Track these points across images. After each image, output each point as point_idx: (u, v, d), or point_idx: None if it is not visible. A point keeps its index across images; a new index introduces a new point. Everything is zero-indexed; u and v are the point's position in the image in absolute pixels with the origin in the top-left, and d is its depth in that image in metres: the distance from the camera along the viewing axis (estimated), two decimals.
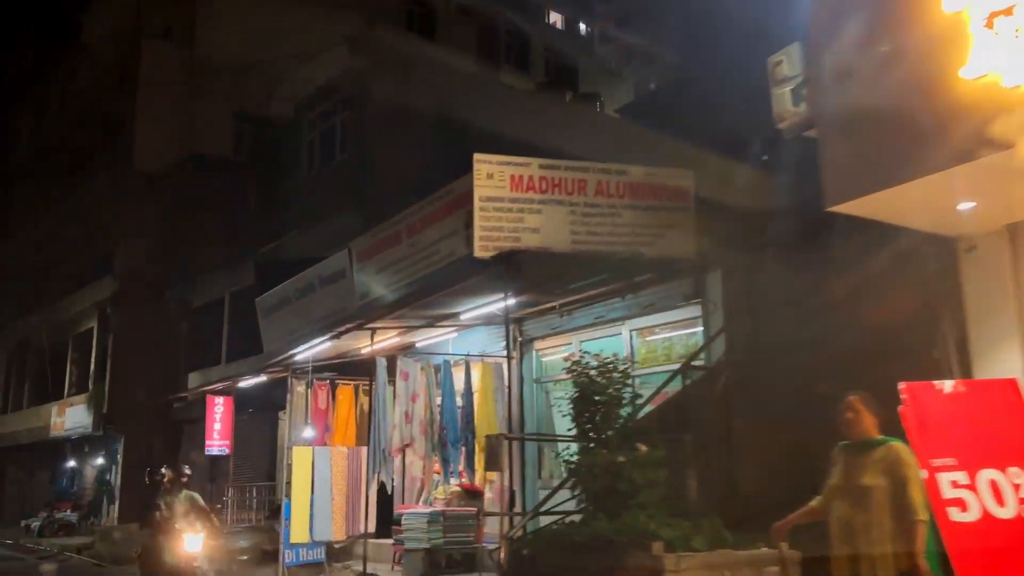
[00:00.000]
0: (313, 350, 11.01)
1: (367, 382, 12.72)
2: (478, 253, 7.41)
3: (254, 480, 18.10)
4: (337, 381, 12.59)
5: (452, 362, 10.50)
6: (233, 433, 17.06)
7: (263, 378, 16.00)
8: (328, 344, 10.78)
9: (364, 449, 12.49)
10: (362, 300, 9.67)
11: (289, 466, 11.92)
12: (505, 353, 10.61)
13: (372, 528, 12.29)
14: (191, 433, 22.77)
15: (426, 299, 8.36)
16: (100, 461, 25.84)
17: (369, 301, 9.59)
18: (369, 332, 10.03)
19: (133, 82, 24.82)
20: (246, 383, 16.47)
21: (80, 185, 26.83)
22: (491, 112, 14.34)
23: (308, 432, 11.83)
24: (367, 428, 12.70)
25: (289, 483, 11.86)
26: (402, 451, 10.00)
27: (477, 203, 7.44)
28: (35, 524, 25.99)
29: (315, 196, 18.14)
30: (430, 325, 10.20)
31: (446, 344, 11.55)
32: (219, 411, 16.88)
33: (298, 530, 11.71)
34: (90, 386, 24.46)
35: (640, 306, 9.22)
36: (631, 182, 8.02)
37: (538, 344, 10.82)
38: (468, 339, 11.23)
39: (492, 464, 7.18)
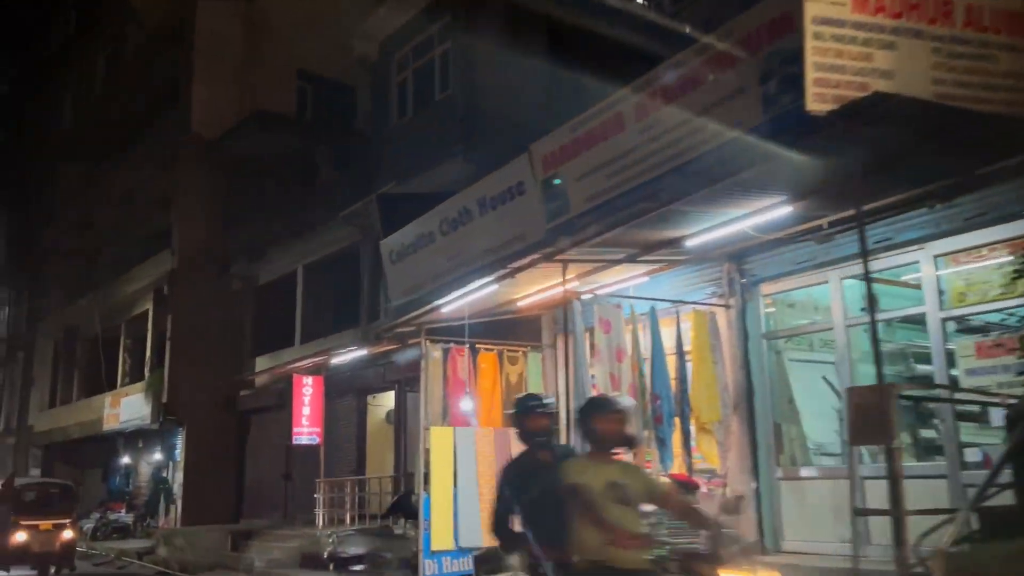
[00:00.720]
0: (460, 302, 8.42)
1: (514, 347, 10.13)
2: (812, 105, 4.76)
3: (341, 473, 15.60)
4: (478, 346, 10.03)
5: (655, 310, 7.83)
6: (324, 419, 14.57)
7: (362, 352, 13.49)
8: (479, 294, 8.19)
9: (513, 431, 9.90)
10: (553, 222, 7.05)
11: (426, 451, 9.37)
12: (718, 301, 7.98)
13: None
14: (262, 423, 20.39)
15: (691, 198, 5.72)
16: (157, 457, 23.57)
17: (563, 222, 6.97)
18: (553, 267, 7.42)
19: (187, 43, 22.47)
20: (340, 359, 13.98)
21: (132, 157, 24.56)
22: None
23: (466, 404, 9.27)
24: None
25: (427, 474, 9.32)
26: None
27: (809, 27, 4.78)
28: (88, 526, 23.78)
29: (410, 145, 15.60)
30: (632, 259, 7.55)
31: (625, 294, 8.89)
32: (308, 393, 14.39)
33: (440, 534, 9.15)
34: (146, 374, 22.17)
35: (960, 218, 6.52)
36: (1014, 11, 5.34)
37: (766, 287, 8.15)
38: (657, 286, 8.58)
39: (867, 436, 4.47)
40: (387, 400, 16.98)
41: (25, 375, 30.52)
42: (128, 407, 21.90)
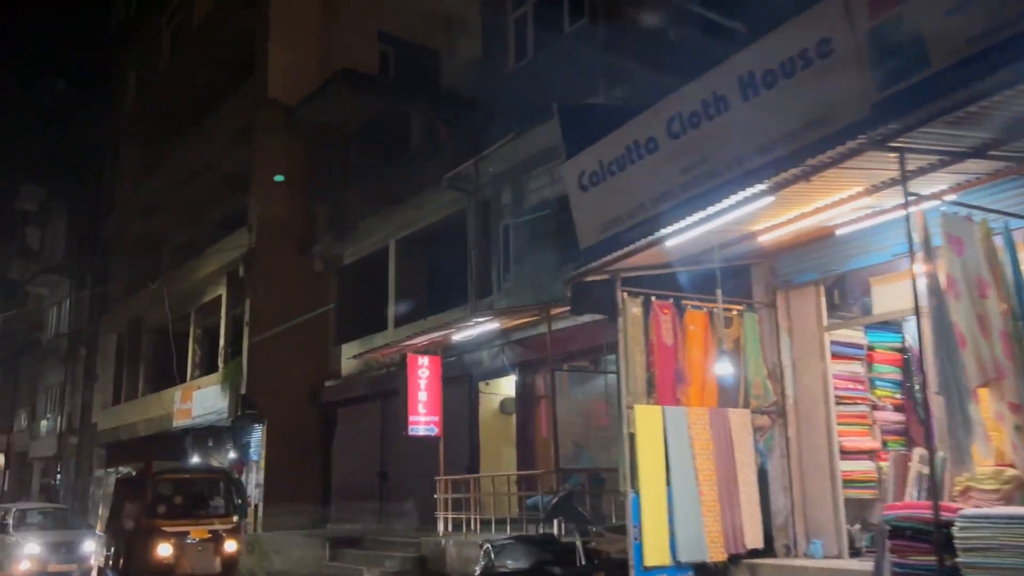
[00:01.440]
0: (696, 230, 6.16)
1: (728, 305, 7.85)
2: None
3: (449, 472, 13.39)
4: (685, 303, 7.77)
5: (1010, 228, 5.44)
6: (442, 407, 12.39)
7: (493, 325, 11.31)
8: (725, 219, 5.92)
9: (733, 412, 7.68)
10: (889, 90, 4.77)
11: (631, 436, 7.13)
12: None
13: (754, 540, 7.45)
14: (350, 416, 18.37)
15: None
16: (231, 455, 21.66)
17: (910, 85, 4.68)
18: (847, 171, 5.15)
19: (261, 3, 20.59)
20: (464, 334, 11.81)
21: (200, 134, 22.79)
22: None
23: (723, 366, 6.98)
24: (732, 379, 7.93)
25: (633, 466, 7.10)
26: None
27: None
28: None
29: (533, 90, 13.41)
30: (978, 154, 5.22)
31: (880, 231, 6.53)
32: (424, 376, 12.23)
33: (655, 545, 6.91)
34: (220, 365, 20.28)
35: None
36: None
37: None
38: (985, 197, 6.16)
39: None
40: (502, 387, 14.81)
41: (88, 371, 28.99)
42: (202, 401, 20.03)
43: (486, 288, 14.72)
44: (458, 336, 11.82)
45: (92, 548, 16.01)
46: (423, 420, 12.11)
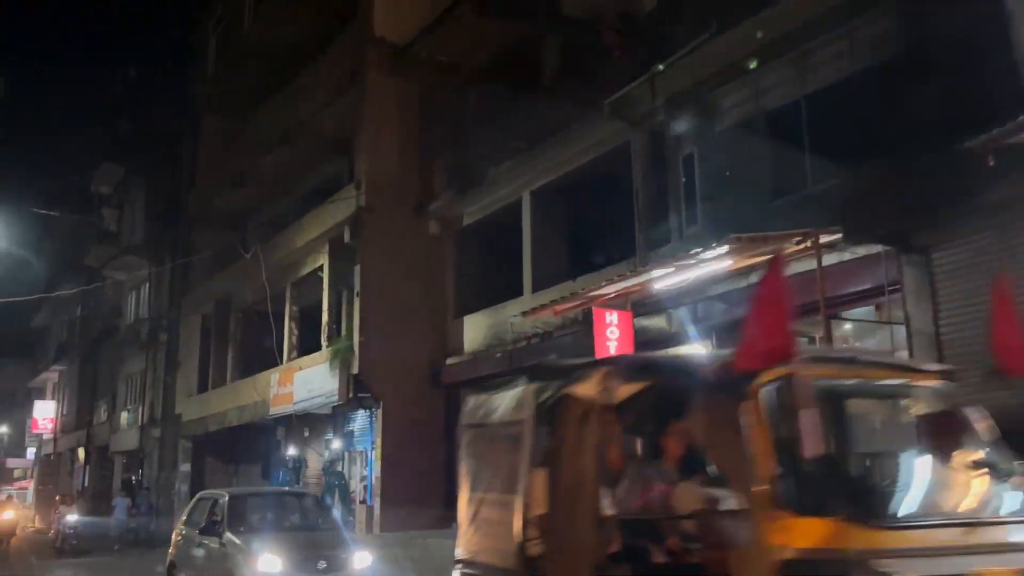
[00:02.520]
0: None
1: None
2: None
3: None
4: None
5: None
6: None
7: (718, 264, 8.56)
8: None
9: None
10: None
11: None
12: None
13: None
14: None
15: None
16: (335, 445, 19.35)
17: None
18: None
19: None
20: (674, 279, 9.07)
21: (292, 92, 20.57)
22: None
23: None
24: None
25: None
26: None
27: None
28: None
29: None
30: None
31: None
32: (614, 336, 9.53)
33: None
34: (323, 343, 17.93)
35: None
36: None
37: None
38: None
39: None
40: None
41: (170, 358, 27.07)
42: (306, 383, 17.69)
43: (659, 236, 11.97)
44: (668, 281, 9.05)
45: (365, 559, 10.60)
46: None
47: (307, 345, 19.73)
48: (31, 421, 39.93)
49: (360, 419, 19.12)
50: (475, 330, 16.02)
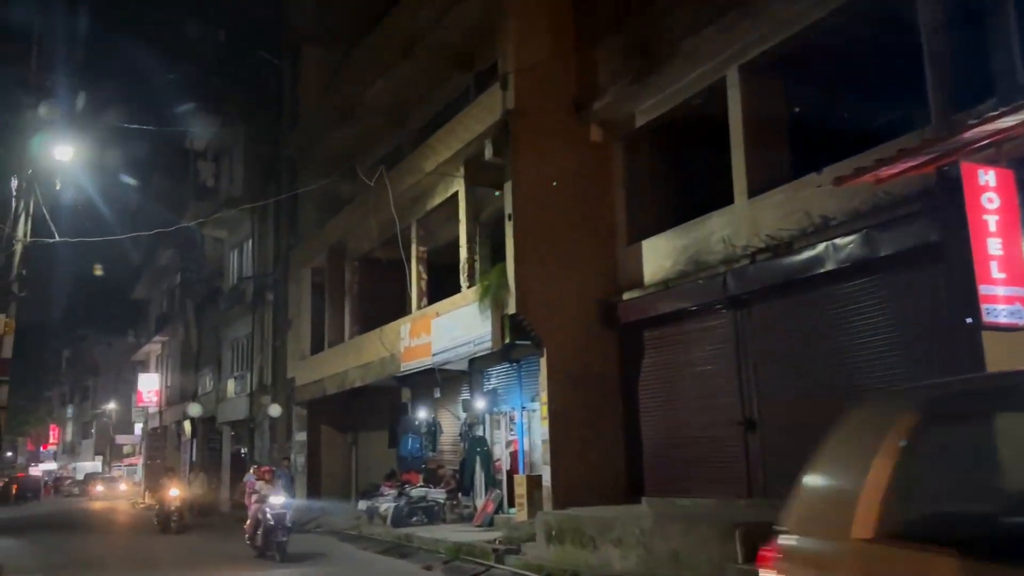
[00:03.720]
0: None
1: None
2: None
3: None
4: None
5: None
6: None
7: None
8: None
9: None
10: None
11: None
12: None
13: None
14: (667, 340, 12.60)
15: None
16: (478, 405, 16.45)
17: None
18: None
19: None
20: None
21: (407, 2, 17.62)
22: None
23: None
24: None
25: None
26: None
27: None
28: (384, 507, 17.21)
29: None
30: None
31: None
32: (993, 207, 6.11)
33: None
34: (462, 283, 14.97)
35: None
36: None
37: None
38: None
39: None
40: None
41: (278, 318, 24.74)
42: (446, 331, 14.77)
43: (966, 94, 8.41)
44: None
45: None
46: (1003, 294, 5.98)
47: (439, 290, 16.85)
48: (136, 395, 38.65)
49: (504, 374, 16.20)
50: (659, 256, 12.75)
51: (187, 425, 31.70)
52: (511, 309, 13.02)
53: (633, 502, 12.54)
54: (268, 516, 13.38)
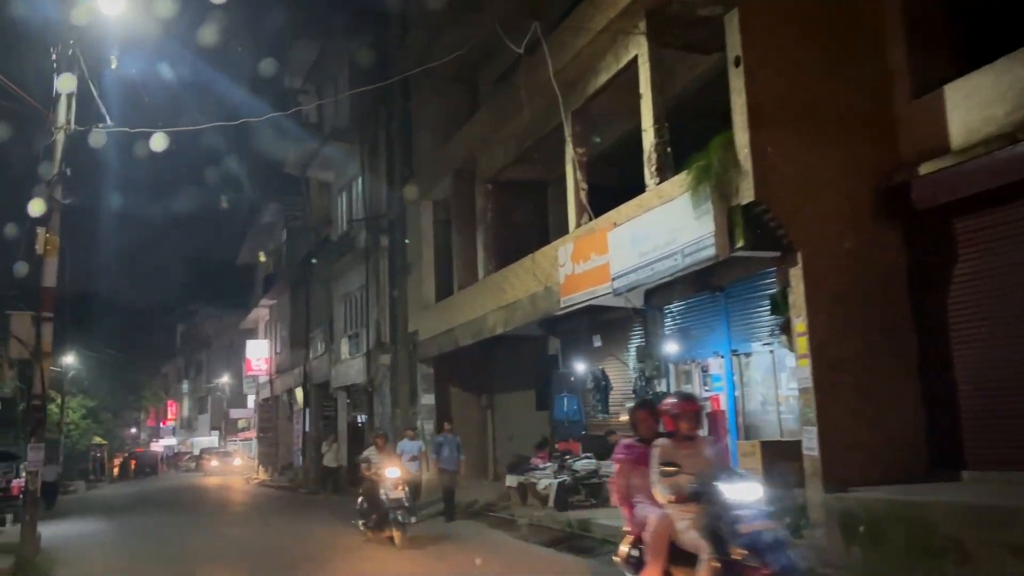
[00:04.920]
0: None
1: None
2: None
3: None
4: None
5: None
6: None
7: None
8: None
9: None
10: None
11: None
12: None
13: None
14: (993, 232, 8.12)
15: None
16: (663, 351, 12.39)
17: None
18: None
19: None
20: None
21: None
22: None
23: None
24: None
25: None
26: None
27: None
28: (543, 484, 13.51)
29: None
30: None
31: None
32: None
33: None
34: (649, 180, 10.83)
35: None
36: None
37: None
38: None
39: None
40: None
41: (395, 265, 21.28)
42: (634, 243, 10.65)
43: None
44: None
45: None
46: None
47: (613, 197, 12.76)
48: (245, 363, 36.29)
49: (697, 310, 12.07)
50: (977, 103, 8.29)
51: (299, 393, 28.83)
52: (745, 197, 8.83)
53: (942, 479, 8.28)
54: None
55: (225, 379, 58.46)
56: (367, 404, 22.10)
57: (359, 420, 23.95)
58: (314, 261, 26.41)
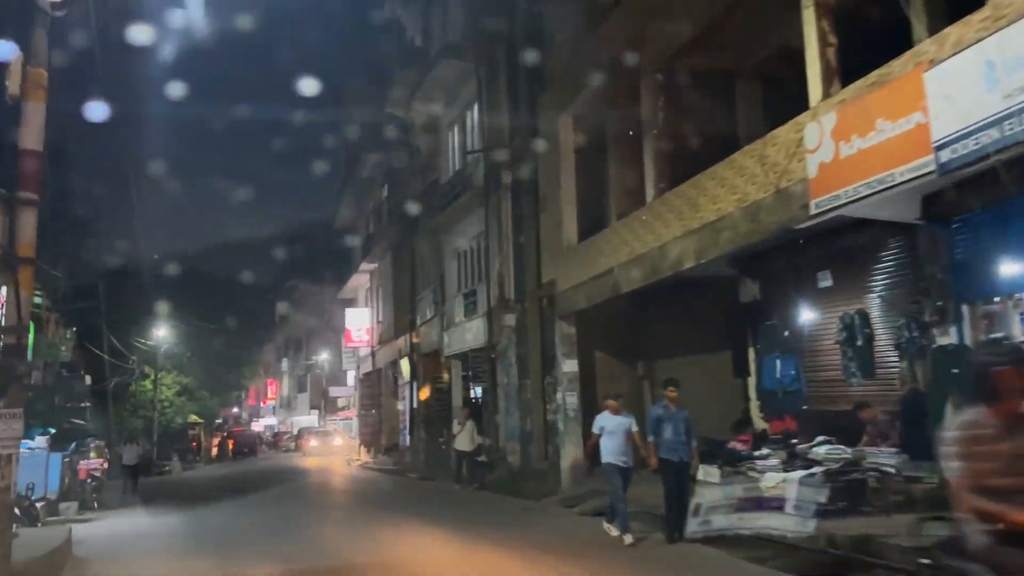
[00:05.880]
0: None
1: None
2: None
3: None
4: None
5: None
6: None
7: None
8: None
9: None
10: None
11: None
12: None
13: None
14: None
15: None
16: (962, 286, 7.96)
17: None
18: None
19: None
20: None
21: None
22: None
23: None
24: None
25: None
26: None
27: None
28: (769, 479, 9.29)
29: None
30: None
31: None
32: None
33: None
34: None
35: None
36: None
37: None
38: None
39: None
40: None
41: (520, 203, 17.33)
42: (988, 79, 6.27)
43: None
44: None
45: None
46: None
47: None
48: (344, 335, 33.17)
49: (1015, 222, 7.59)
50: None
51: (404, 365, 25.31)
52: None
53: None
54: None
55: (324, 356, 56.13)
56: (489, 374, 18.26)
57: (472, 397, 20.19)
58: (420, 212, 22.72)
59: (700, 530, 8.92)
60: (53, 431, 23.23)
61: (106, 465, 17.98)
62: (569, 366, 15.06)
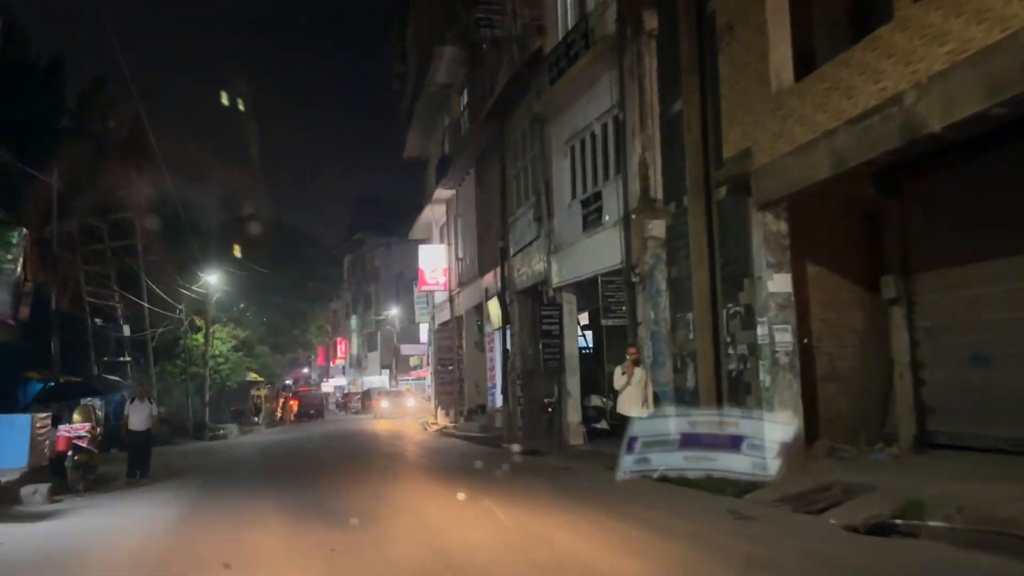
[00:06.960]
0: None
1: None
2: None
3: None
4: None
5: None
6: None
7: None
8: None
9: None
10: None
11: None
12: None
13: None
14: None
15: None
16: None
17: None
18: None
19: None
20: None
21: None
22: None
23: None
24: None
25: None
26: None
27: None
28: None
29: None
30: None
31: None
32: None
33: None
34: None
35: None
36: None
37: None
38: None
39: None
40: None
41: (668, 57, 11.61)
42: None
43: None
44: None
45: None
46: None
47: None
48: (417, 278, 28.05)
49: None
50: None
51: (492, 308, 19.99)
52: None
53: None
54: None
55: (394, 311, 51.73)
56: (629, 306, 12.73)
57: (584, 343, 14.34)
58: (515, 101, 17.19)
59: None
60: (53, 384, 18.84)
61: (99, 431, 13.12)
62: (778, 283, 9.42)
